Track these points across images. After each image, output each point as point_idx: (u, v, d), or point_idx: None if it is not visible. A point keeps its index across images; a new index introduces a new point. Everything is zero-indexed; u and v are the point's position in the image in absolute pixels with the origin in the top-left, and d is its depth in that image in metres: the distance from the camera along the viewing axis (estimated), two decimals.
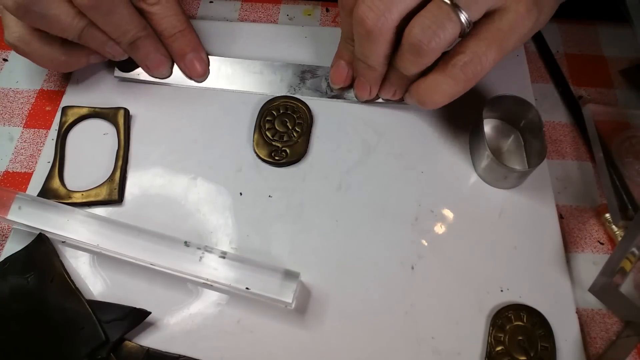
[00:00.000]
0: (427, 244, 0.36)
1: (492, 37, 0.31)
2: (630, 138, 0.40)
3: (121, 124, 0.39)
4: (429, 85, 0.33)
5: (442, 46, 0.30)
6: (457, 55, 0.31)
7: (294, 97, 0.40)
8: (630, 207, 0.36)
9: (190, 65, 0.40)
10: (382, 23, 0.30)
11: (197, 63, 0.40)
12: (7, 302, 0.32)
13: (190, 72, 0.40)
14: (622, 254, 0.33)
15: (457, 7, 0.29)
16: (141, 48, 0.38)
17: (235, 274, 0.32)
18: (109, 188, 0.37)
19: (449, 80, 0.32)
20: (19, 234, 0.35)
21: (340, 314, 0.33)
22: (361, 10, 0.30)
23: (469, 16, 0.29)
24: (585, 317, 0.34)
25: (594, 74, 0.44)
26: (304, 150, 0.39)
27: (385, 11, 0.30)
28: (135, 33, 0.37)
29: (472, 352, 0.33)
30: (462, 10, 0.29)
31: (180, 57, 0.40)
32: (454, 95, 0.33)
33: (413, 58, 0.31)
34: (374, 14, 0.30)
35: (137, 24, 0.37)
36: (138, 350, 0.32)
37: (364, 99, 0.39)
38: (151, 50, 0.38)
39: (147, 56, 0.39)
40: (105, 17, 0.35)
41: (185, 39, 0.39)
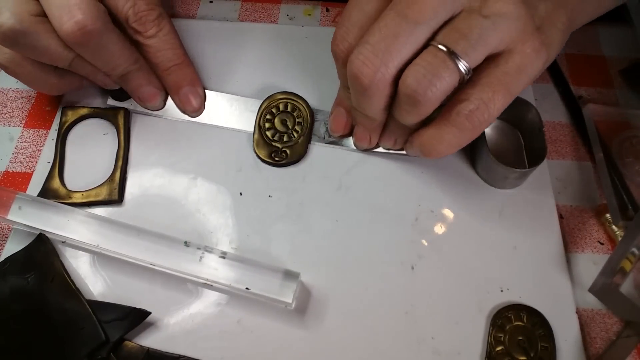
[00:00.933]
0: (427, 244, 0.36)
1: (498, 82, 0.28)
2: (630, 138, 0.40)
3: (121, 124, 0.39)
4: (433, 136, 0.31)
5: (439, 96, 0.28)
6: (462, 103, 0.28)
7: (294, 93, 0.40)
8: (630, 207, 0.36)
9: (184, 99, 0.39)
10: (378, 79, 0.28)
11: (192, 97, 0.39)
12: (7, 302, 0.32)
13: (184, 107, 0.39)
14: (622, 254, 0.33)
15: (453, 54, 0.27)
16: (132, 81, 0.37)
17: (235, 274, 0.32)
18: (109, 188, 0.37)
19: (454, 130, 0.29)
20: (19, 234, 0.35)
21: (340, 314, 0.33)
22: (356, 67, 0.28)
23: (467, 63, 0.27)
24: (585, 317, 0.34)
25: (594, 74, 0.44)
26: (303, 150, 0.38)
27: (381, 66, 0.28)
28: (125, 67, 0.36)
29: (472, 352, 0.33)
30: (460, 57, 0.27)
31: (174, 91, 0.39)
32: (459, 145, 0.30)
33: (410, 109, 0.29)
34: (369, 70, 0.28)
35: (127, 58, 0.35)
36: (138, 350, 0.32)
37: (364, 148, 0.38)
38: (142, 83, 0.37)
39: (138, 89, 0.38)
40: (93, 53, 0.34)
41: (181, 73, 0.38)
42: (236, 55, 0.43)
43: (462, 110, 0.28)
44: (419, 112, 0.29)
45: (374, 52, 0.27)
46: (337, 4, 0.47)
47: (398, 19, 0.27)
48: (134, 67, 0.36)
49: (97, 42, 0.32)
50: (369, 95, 0.29)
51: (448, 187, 0.38)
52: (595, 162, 0.39)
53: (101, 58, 0.34)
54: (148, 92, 0.38)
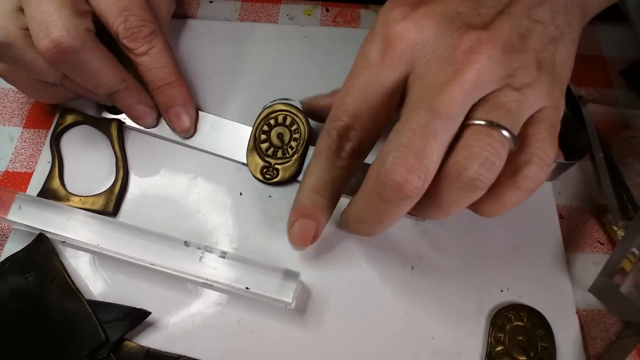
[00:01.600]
0: (427, 244, 0.36)
1: (548, 136, 0.27)
2: (630, 138, 0.40)
3: (114, 135, 0.38)
4: (496, 202, 0.28)
5: (498, 173, 0.26)
6: (527, 167, 0.26)
7: (295, 106, 0.38)
8: (630, 207, 0.36)
9: (174, 119, 0.37)
10: (422, 186, 0.25)
11: (183, 117, 0.37)
12: (7, 302, 0.32)
13: (174, 126, 0.38)
14: (622, 254, 0.33)
15: (503, 128, 0.25)
16: (121, 100, 0.36)
17: (235, 273, 0.32)
18: (107, 199, 0.36)
19: (518, 193, 0.27)
20: (19, 234, 0.35)
21: (340, 314, 0.33)
22: (397, 175, 0.25)
23: (515, 134, 0.26)
24: (585, 317, 0.34)
25: (594, 74, 0.44)
26: (296, 170, 0.37)
27: (426, 172, 0.25)
28: (110, 87, 0.35)
29: (472, 352, 0.33)
30: (510, 130, 0.25)
31: (164, 110, 0.37)
32: (518, 204, 0.28)
33: (469, 194, 0.26)
34: (415, 177, 0.25)
35: (112, 78, 0.34)
36: (138, 350, 0.32)
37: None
38: (132, 102, 0.36)
39: (128, 108, 0.37)
40: (74, 71, 0.33)
41: (172, 92, 0.36)
42: (236, 55, 0.43)
43: (529, 174, 0.26)
44: (477, 195, 0.26)
45: (417, 157, 0.24)
46: (337, 3, 0.47)
47: (428, 116, 0.25)
48: (121, 86, 0.35)
49: (75, 60, 0.32)
50: (404, 204, 0.26)
51: None
52: (595, 162, 0.39)
53: (82, 76, 0.33)
54: (139, 111, 0.37)
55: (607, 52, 0.45)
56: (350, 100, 0.28)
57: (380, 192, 0.26)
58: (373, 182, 0.26)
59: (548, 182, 0.38)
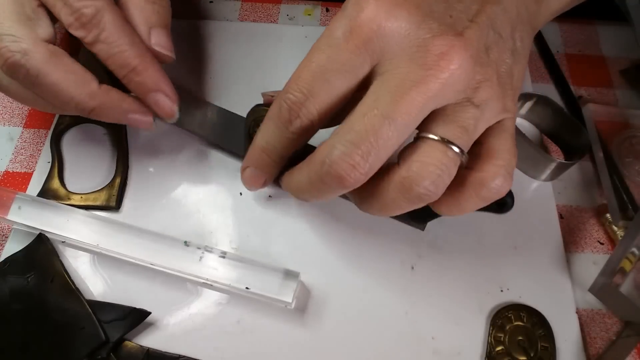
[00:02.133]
0: (427, 244, 0.36)
1: (512, 145, 0.27)
2: (630, 138, 0.40)
3: (117, 130, 0.39)
4: (457, 207, 0.28)
5: (444, 189, 0.26)
6: (495, 180, 0.27)
7: None
8: (630, 207, 0.36)
9: (154, 107, 0.33)
10: (362, 180, 0.26)
11: (161, 103, 0.32)
12: (7, 302, 0.32)
13: (157, 113, 0.33)
14: (622, 254, 0.33)
15: (456, 147, 0.26)
16: (101, 116, 0.32)
17: (235, 273, 0.32)
18: (108, 194, 0.36)
19: (479, 202, 0.27)
20: (19, 234, 0.35)
21: (340, 314, 0.33)
22: (342, 169, 0.25)
23: (466, 151, 0.26)
24: (585, 317, 0.34)
25: (594, 74, 0.44)
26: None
27: (369, 170, 0.25)
28: (78, 103, 0.30)
29: (472, 352, 0.33)
30: (463, 150, 0.26)
31: (142, 98, 0.32)
32: (473, 210, 0.29)
33: (412, 204, 0.27)
34: (357, 173, 0.25)
35: (78, 92, 0.30)
36: (138, 350, 0.32)
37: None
38: (115, 116, 0.32)
39: (116, 121, 0.33)
40: (31, 87, 0.30)
41: (139, 79, 0.31)
42: (236, 55, 0.43)
43: (494, 186, 0.27)
44: (421, 205, 0.27)
45: (363, 156, 0.25)
46: (337, 3, 0.47)
47: (384, 120, 0.24)
48: (91, 103, 0.31)
49: (25, 74, 0.29)
50: (343, 191, 0.27)
51: None
52: (595, 162, 0.39)
53: (41, 93, 0.30)
54: (131, 121, 0.33)
55: (607, 52, 0.45)
56: (306, 76, 0.27)
57: (322, 177, 0.26)
58: (317, 167, 0.27)
59: (548, 182, 0.38)
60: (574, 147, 0.39)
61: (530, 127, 0.41)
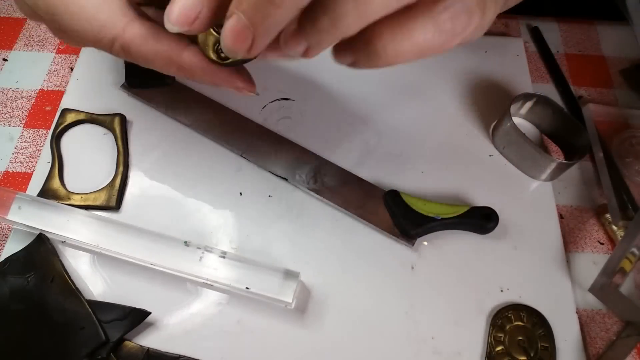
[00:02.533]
0: (427, 244, 0.36)
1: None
2: (630, 138, 0.40)
3: (118, 130, 0.39)
4: (396, 33, 0.22)
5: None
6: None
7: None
8: (630, 207, 0.36)
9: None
10: None
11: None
12: (7, 302, 0.32)
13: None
14: (622, 254, 0.33)
15: None
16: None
17: (235, 273, 0.32)
18: (108, 194, 0.36)
19: (431, 29, 0.22)
20: (19, 234, 0.35)
21: (340, 314, 0.33)
22: None
23: None
24: (585, 317, 0.34)
25: (594, 74, 0.44)
26: None
27: None
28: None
29: (472, 352, 0.33)
30: None
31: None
32: (424, 53, 0.23)
33: (361, 13, 0.20)
34: None
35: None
36: (138, 350, 0.32)
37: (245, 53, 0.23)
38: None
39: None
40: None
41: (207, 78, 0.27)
42: None
43: (449, 6, 0.22)
44: (372, 18, 0.21)
45: None
46: None
47: None
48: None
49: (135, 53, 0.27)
50: None
51: (448, 187, 0.38)
52: (595, 162, 0.39)
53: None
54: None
55: (607, 52, 0.45)
56: None
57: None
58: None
59: (548, 182, 0.38)
60: (574, 147, 0.39)
61: (530, 127, 0.41)
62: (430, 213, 0.35)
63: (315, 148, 0.39)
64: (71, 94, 0.41)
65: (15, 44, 0.45)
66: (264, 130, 0.40)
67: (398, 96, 0.42)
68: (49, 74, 0.43)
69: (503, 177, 0.39)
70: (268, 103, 0.41)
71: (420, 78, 0.43)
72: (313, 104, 0.41)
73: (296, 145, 0.39)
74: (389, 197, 0.36)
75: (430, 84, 0.43)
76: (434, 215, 0.35)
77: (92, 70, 0.42)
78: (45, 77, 0.43)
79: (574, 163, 0.37)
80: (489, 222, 0.35)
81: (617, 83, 0.44)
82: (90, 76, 0.42)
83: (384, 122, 0.41)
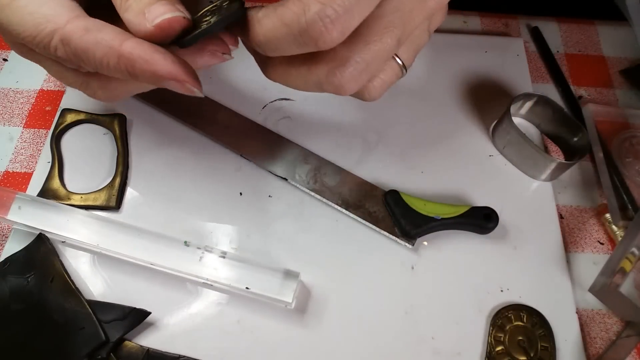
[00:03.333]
0: (427, 244, 0.36)
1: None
2: (630, 138, 0.40)
3: (118, 130, 0.39)
4: (381, 84, 0.28)
5: None
6: None
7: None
8: (630, 207, 0.36)
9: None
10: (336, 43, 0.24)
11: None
12: (7, 302, 0.32)
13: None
14: (622, 254, 0.33)
15: None
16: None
17: (235, 273, 0.32)
18: (108, 194, 0.36)
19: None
20: (19, 234, 0.35)
21: (340, 314, 0.33)
22: (323, 26, 0.23)
23: None
24: (585, 317, 0.34)
25: (594, 74, 0.44)
26: None
27: (345, 32, 0.23)
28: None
29: (472, 352, 0.33)
30: None
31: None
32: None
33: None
34: (337, 33, 0.23)
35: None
36: (138, 350, 0.32)
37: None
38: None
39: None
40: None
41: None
42: (236, 55, 0.43)
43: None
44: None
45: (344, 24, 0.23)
46: None
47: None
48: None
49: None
50: (309, 48, 0.24)
51: (448, 187, 0.38)
52: (595, 162, 0.39)
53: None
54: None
55: (607, 52, 0.45)
56: None
57: (299, 35, 0.24)
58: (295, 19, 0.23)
59: (548, 182, 0.38)
60: (574, 147, 0.39)
61: (530, 127, 0.41)
62: (430, 213, 0.35)
63: (315, 148, 0.39)
64: (71, 94, 0.41)
65: None
66: (264, 130, 0.40)
67: (398, 96, 0.42)
68: (49, 74, 0.43)
69: (503, 177, 0.39)
70: (268, 103, 0.41)
71: (420, 78, 0.43)
72: (313, 104, 0.41)
73: (296, 145, 0.39)
74: (389, 197, 0.36)
75: (430, 84, 0.43)
76: (434, 215, 0.35)
77: None
78: (45, 77, 0.43)
79: (574, 163, 0.37)
80: (489, 222, 0.35)
81: (617, 83, 0.44)
82: None
83: (384, 122, 0.41)
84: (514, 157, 0.39)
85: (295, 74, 0.27)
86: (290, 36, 0.24)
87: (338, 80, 0.26)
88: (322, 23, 0.23)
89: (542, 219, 0.37)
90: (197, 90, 0.27)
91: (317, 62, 0.26)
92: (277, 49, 0.25)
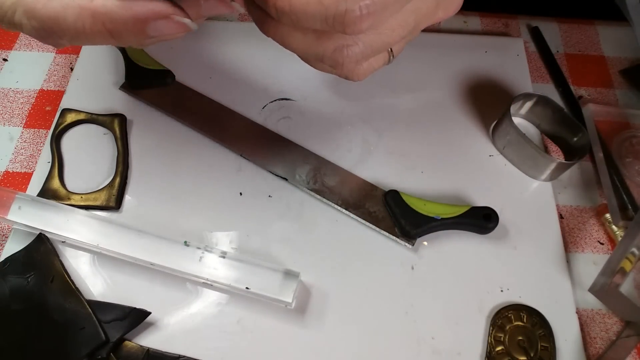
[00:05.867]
0: (427, 244, 0.36)
1: None
2: (630, 138, 0.40)
3: (118, 130, 0.39)
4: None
5: None
6: None
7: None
8: (630, 207, 0.36)
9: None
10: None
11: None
12: (7, 302, 0.32)
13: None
14: (622, 254, 0.33)
15: None
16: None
17: (235, 273, 0.32)
18: (108, 194, 0.36)
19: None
20: (19, 234, 0.35)
21: (340, 314, 0.33)
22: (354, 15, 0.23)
23: None
24: (585, 317, 0.34)
25: (594, 74, 0.44)
26: None
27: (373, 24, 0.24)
28: None
29: (472, 352, 0.33)
30: None
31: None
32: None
33: None
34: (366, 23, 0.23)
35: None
36: (138, 350, 0.32)
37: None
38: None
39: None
40: None
41: None
42: (236, 55, 0.43)
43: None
44: None
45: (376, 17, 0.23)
46: None
47: None
48: None
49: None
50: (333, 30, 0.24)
51: (448, 187, 0.38)
52: (595, 162, 0.39)
53: None
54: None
55: (607, 52, 0.45)
56: None
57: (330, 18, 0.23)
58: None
59: (548, 182, 0.38)
60: (574, 147, 0.39)
61: (530, 127, 0.41)
62: (430, 213, 0.35)
63: (315, 148, 0.39)
64: (71, 94, 0.41)
65: (15, 44, 0.45)
66: (264, 130, 0.40)
67: (398, 96, 0.42)
68: (49, 74, 0.43)
69: (503, 177, 0.39)
70: (268, 103, 0.41)
71: (420, 78, 0.43)
72: (313, 104, 0.41)
73: (296, 145, 0.39)
74: (389, 197, 0.36)
75: (430, 83, 0.43)
76: (434, 215, 0.35)
77: (92, 71, 0.42)
78: (45, 77, 0.43)
79: (574, 163, 0.37)
80: (489, 222, 0.35)
81: (617, 83, 0.44)
82: (91, 76, 0.42)
83: (384, 122, 0.41)
84: (514, 157, 0.39)
85: (300, 40, 0.26)
86: (322, 15, 0.23)
87: (342, 59, 0.26)
88: (360, 13, 0.23)
89: (542, 219, 0.37)
90: (188, 21, 0.25)
91: (328, 37, 0.26)
92: (298, 20, 0.24)
